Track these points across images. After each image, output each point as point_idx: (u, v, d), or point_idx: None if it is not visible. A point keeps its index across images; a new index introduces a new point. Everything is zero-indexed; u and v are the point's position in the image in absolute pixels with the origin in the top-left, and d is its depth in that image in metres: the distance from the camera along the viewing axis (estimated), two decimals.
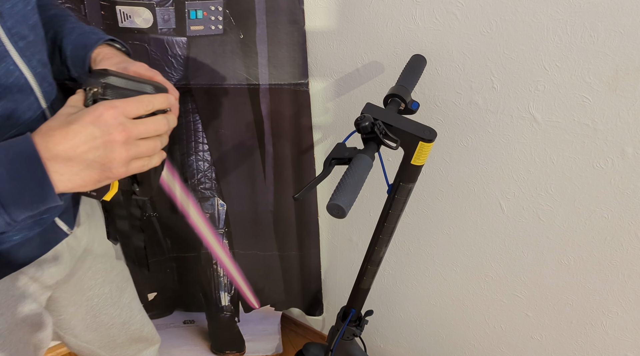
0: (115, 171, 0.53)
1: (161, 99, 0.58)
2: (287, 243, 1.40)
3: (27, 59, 0.60)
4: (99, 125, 0.51)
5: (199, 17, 1.04)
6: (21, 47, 0.59)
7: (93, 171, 0.52)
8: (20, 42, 0.59)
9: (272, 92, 1.12)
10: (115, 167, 0.53)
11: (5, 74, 0.57)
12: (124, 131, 0.52)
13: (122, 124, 0.52)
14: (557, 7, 0.78)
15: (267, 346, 1.63)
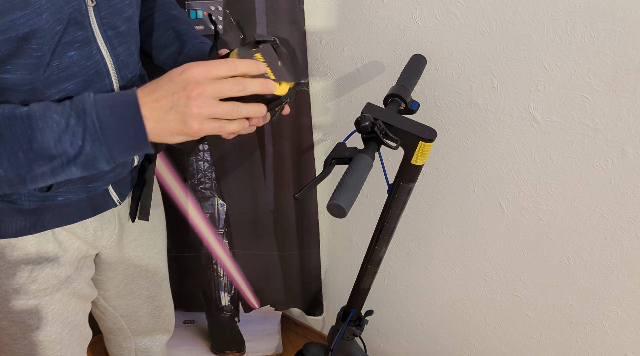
0: (190, 126, 0.57)
1: (247, 64, 0.60)
2: (287, 243, 1.40)
3: (112, 46, 0.67)
4: (179, 82, 0.56)
5: (199, 17, 1.04)
6: (109, 36, 0.66)
7: (172, 123, 0.57)
8: (110, 31, 0.66)
9: None
10: (189, 121, 0.57)
11: (87, 56, 0.63)
12: (197, 88, 0.56)
13: (198, 83, 0.56)
14: (557, 7, 0.78)
15: (267, 346, 1.63)
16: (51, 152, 0.54)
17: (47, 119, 0.54)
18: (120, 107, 0.56)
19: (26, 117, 0.54)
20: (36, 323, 0.80)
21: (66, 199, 0.73)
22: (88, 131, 0.55)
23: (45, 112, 0.54)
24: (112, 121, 0.55)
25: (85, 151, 0.55)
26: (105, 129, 0.55)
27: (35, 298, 0.79)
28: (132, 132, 0.56)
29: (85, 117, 0.55)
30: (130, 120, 0.56)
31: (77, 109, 0.55)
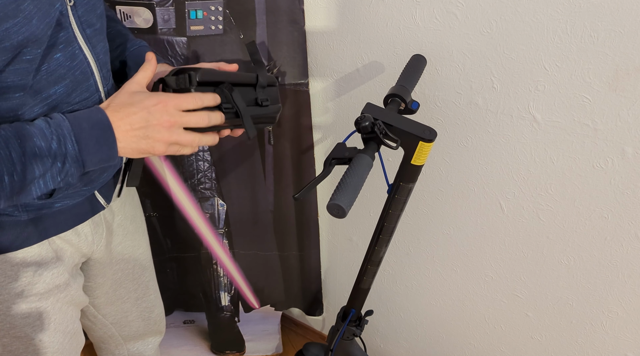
0: (157, 149, 0.66)
1: (210, 97, 0.69)
2: (287, 243, 1.40)
3: (92, 45, 0.68)
4: (153, 112, 0.64)
5: (199, 17, 1.04)
6: (88, 34, 0.67)
7: (141, 145, 0.65)
8: (88, 29, 0.67)
9: None
10: (157, 146, 0.66)
11: (71, 57, 0.64)
12: (170, 120, 0.65)
13: (170, 115, 0.65)
14: (557, 7, 0.78)
15: (267, 346, 1.63)
16: (34, 174, 0.58)
17: (29, 142, 0.57)
18: (96, 130, 0.62)
19: (7, 141, 0.56)
20: (39, 335, 0.80)
21: (62, 205, 0.74)
22: (69, 154, 0.60)
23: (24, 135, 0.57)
24: (89, 143, 0.61)
25: (65, 169, 0.61)
26: (83, 150, 0.61)
27: (36, 310, 0.78)
28: (105, 151, 0.63)
29: (66, 141, 0.60)
30: (104, 141, 0.62)
31: (57, 134, 0.59)
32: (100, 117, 0.63)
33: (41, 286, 0.77)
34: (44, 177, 0.59)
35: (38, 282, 0.77)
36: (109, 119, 0.63)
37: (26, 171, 0.57)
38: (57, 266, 0.79)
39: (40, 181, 0.59)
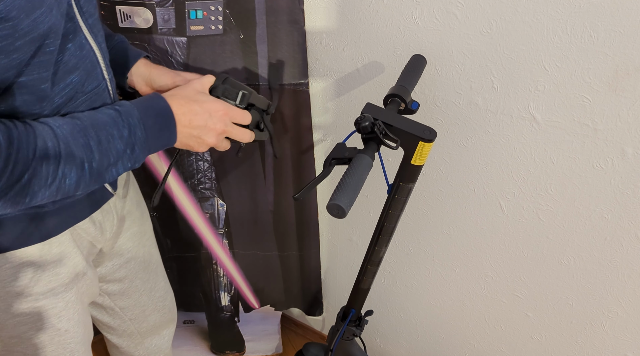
0: (199, 147, 0.75)
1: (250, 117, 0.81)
2: (287, 243, 1.40)
3: (94, 34, 0.70)
4: (214, 117, 0.73)
5: (199, 17, 1.04)
6: (90, 24, 0.69)
7: (190, 141, 0.73)
8: (90, 19, 0.69)
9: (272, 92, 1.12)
10: (202, 146, 0.75)
11: (80, 47, 0.66)
12: (223, 129, 0.75)
13: (225, 124, 0.75)
14: (557, 7, 0.78)
15: (267, 346, 1.63)
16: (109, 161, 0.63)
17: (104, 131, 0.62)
18: (160, 118, 0.68)
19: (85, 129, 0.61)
20: (65, 325, 0.80)
21: (81, 194, 0.74)
22: (138, 141, 0.65)
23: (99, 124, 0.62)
24: (154, 129, 0.67)
25: (135, 156, 0.66)
26: (150, 137, 0.67)
27: (62, 300, 0.79)
28: (166, 138, 0.69)
29: (136, 129, 0.65)
30: (166, 129, 0.69)
31: (129, 123, 0.65)
32: (164, 105, 0.69)
33: (65, 276, 0.78)
34: (117, 164, 0.64)
35: (62, 272, 0.78)
36: (171, 109, 0.69)
37: (103, 159, 0.62)
38: (77, 255, 0.80)
39: (113, 168, 0.64)
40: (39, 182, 0.56)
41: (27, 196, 0.56)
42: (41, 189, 0.57)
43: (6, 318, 0.74)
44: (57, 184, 0.58)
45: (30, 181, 0.55)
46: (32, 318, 0.76)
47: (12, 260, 0.71)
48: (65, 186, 0.59)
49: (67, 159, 0.58)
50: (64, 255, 0.77)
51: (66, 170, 0.58)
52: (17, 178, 0.54)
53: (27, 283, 0.74)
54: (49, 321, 0.78)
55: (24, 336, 0.77)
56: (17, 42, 0.53)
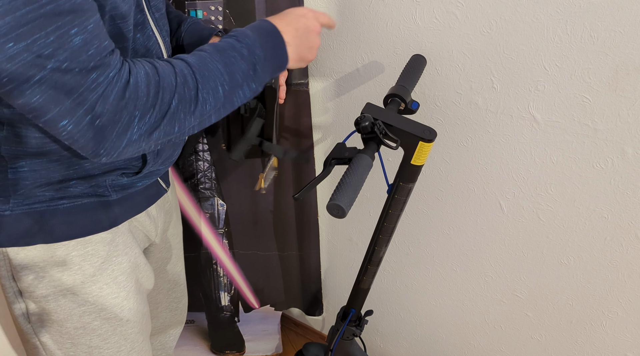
0: (312, 53, 0.75)
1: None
2: (287, 243, 1.40)
3: (159, 28, 0.73)
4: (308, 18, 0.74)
5: (199, 17, 1.04)
6: (156, 18, 0.72)
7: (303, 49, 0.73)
8: (157, 13, 0.72)
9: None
10: (313, 49, 0.75)
11: (147, 38, 0.69)
12: (318, 27, 0.76)
13: (317, 23, 0.76)
14: (557, 7, 0.78)
15: (267, 346, 1.63)
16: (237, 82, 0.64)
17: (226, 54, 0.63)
18: (271, 37, 0.68)
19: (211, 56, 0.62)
20: (127, 315, 0.81)
21: (142, 185, 0.78)
22: (258, 59, 0.66)
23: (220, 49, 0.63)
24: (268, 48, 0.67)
25: (257, 75, 0.66)
26: (268, 56, 0.67)
27: (124, 289, 0.79)
28: (280, 56, 0.69)
29: (255, 48, 0.65)
30: (279, 46, 0.69)
31: (246, 43, 0.65)
32: (271, 26, 0.69)
33: (126, 265, 0.80)
34: (243, 86, 0.65)
35: (124, 262, 0.79)
36: (276, 28, 0.69)
37: (232, 80, 0.63)
38: (135, 247, 0.82)
39: (240, 90, 0.65)
40: (184, 108, 0.59)
41: (176, 124, 0.59)
42: (187, 116, 0.59)
43: (73, 308, 0.75)
44: (199, 110, 0.60)
45: (177, 108, 0.58)
46: (97, 308, 0.77)
47: (77, 247, 0.73)
48: (206, 112, 0.61)
49: (203, 83, 0.60)
50: (126, 245, 0.79)
51: (204, 94, 0.60)
52: (168, 105, 0.57)
53: (93, 272, 0.75)
54: (112, 311, 0.79)
55: (89, 327, 0.77)
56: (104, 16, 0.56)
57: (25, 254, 0.70)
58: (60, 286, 0.73)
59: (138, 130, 0.55)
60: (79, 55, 0.49)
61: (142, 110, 0.55)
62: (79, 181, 0.70)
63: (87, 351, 0.79)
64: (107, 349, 0.81)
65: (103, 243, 0.75)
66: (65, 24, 0.48)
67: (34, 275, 0.72)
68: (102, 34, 0.52)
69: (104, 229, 0.75)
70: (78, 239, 0.73)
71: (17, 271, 0.72)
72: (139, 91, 0.54)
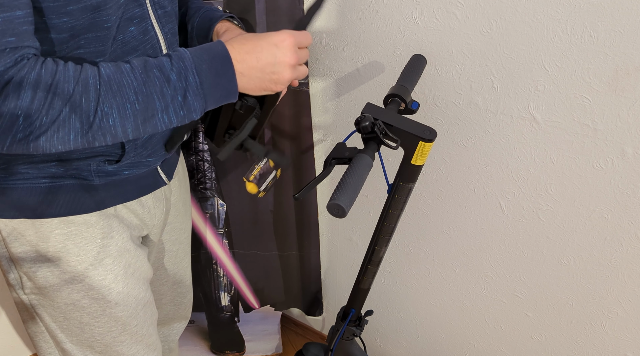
0: (278, 86, 0.67)
1: (310, 37, 0.71)
2: (287, 243, 1.40)
3: (161, 25, 0.74)
4: (281, 48, 0.65)
5: None
6: (159, 15, 0.73)
7: (263, 82, 0.66)
8: (159, 10, 0.73)
9: None
10: (280, 84, 0.67)
11: (143, 32, 0.70)
12: (295, 58, 0.67)
13: (295, 52, 0.66)
14: (557, 7, 0.78)
15: (267, 346, 1.63)
16: (154, 106, 0.59)
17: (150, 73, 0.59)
18: (216, 62, 0.62)
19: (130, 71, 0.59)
20: (115, 297, 0.82)
21: (129, 174, 0.78)
22: (190, 87, 0.60)
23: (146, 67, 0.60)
24: (209, 75, 0.62)
25: (187, 104, 0.61)
26: (204, 83, 0.61)
27: (112, 272, 0.80)
28: (224, 85, 0.63)
29: (187, 74, 0.60)
30: (224, 74, 0.63)
31: (178, 67, 0.60)
32: (221, 49, 0.63)
33: (113, 249, 0.80)
34: (166, 110, 0.60)
35: (111, 245, 0.80)
36: (228, 52, 0.63)
37: (148, 101, 0.59)
38: (124, 232, 0.82)
39: (163, 114, 0.60)
40: (80, 117, 0.56)
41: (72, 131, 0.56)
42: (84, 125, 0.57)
43: (61, 284, 0.77)
44: (97, 122, 0.57)
45: (69, 116, 0.56)
46: (84, 286, 0.78)
47: (60, 226, 0.74)
48: (109, 126, 0.58)
49: (106, 96, 0.57)
50: (112, 229, 0.80)
51: (105, 108, 0.57)
52: (58, 111, 0.55)
53: (78, 252, 0.76)
54: (100, 291, 0.79)
55: (78, 304, 0.79)
56: (69, 6, 0.58)
57: (13, 226, 0.73)
58: (47, 262, 0.75)
59: (22, 130, 0.54)
60: None
61: (25, 111, 0.53)
62: (58, 163, 0.71)
63: (79, 326, 0.81)
64: (98, 327, 0.82)
65: (87, 224, 0.76)
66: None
67: (23, 248, 0.74)
68: (11, 31, 0.52)
69: (87, 212, 0.76)
70: (60, 218, 0.74)
71: (7, 241, 0.74)
72: (21, 92, 0.53)
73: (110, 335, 0.84)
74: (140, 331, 0.88)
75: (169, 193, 0.94)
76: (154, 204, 0.88)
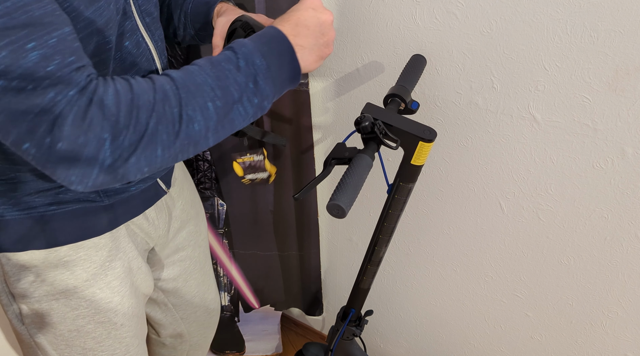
0: (329, 48, 0.67)
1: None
2: (287, 243, 1.40)
3: (151, 33, 0.71)
4: (317, 9, 0.65)
5: None
6: (147, 23, 0.69)
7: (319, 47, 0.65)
8: (147, 18, 0.69)
9: None
10: (330, 44, 0.67)
11: (136, 45, 0.67)
12: (330, 16, 0.66)
13: (325, 10, 0.66)
14: (557, 7, 0.78)
15: (267, 346, 1.63)
16: (233, 98, 0.57)
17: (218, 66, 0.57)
18: (276, 43, 0.61)
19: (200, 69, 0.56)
20: (121, 319, 0.81)
21: (136, 189, 0.77)
22: (259, 71, 0.58)
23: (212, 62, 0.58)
24: (273, 56, 0.60)
25: (260, 89, 0.59)
26: (272, 65, 0.59)
27: (118, 293, 0.79)
28: (290, 64, 0.61)
29: (253, 58, 0.58)
30: (287, 53, 0.61)
31: (243, 54, 0.58)
32: (274, 32, 0.62)
33: (120, 270, 0.79)
34: (242, 101, 0.58)
35: (117, 267, 0.79)
36: (281, 31, 0.62)
37: (226, 96, 0.56)
38: (131, 250, 0.81)
39: (240, 106, 0.58)
40: (166, 128, 0.53)
41: (159, 146, 0.53)
42: (170, 137, 0.53)
43: (66, 311, 0.75)
44: (185, 130, 0.54)
45: (156, 128, 0.52)
46: (90, 311, 0.77)
47: (69, 253, 0.72)
48: (194, 133, 0.55)
49: (188, 99, 0.54)
50: (120, 250, 0.79)
51: (190, 111, 0.54)
52: (145, 125, 0.51)
53: (87, 277, 0.75)
54: (106, 315, 0.78)
55: (83, 330, 0.78)
56: (79, 34, 0.54)
57: (17, 259, 0.70)
58: (53, 291, 0.73)
59: (111, 154, 0.50)
60: (35, 72, 0.45)
61: (113, 132, 0.49)
62: (66, 188, 0.67)
63: (81, 353, 0.79)
64: (102, 352, 0.81)
65: (96, 248, 0.75)
66: (20, 38, 0.44)
67: (26, 279, 0.71)
68: (68, 49, 0.48)
69: (96, 235, 0.74)
70: (70, 244, 0.72)
71: (9, 276, 0.72)
72: (106, 110, 0.49)
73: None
74: (140, 350, 0.88)
75: (171, 202, 0.93)
76: (157, 215, 0.87)
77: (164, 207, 0.90)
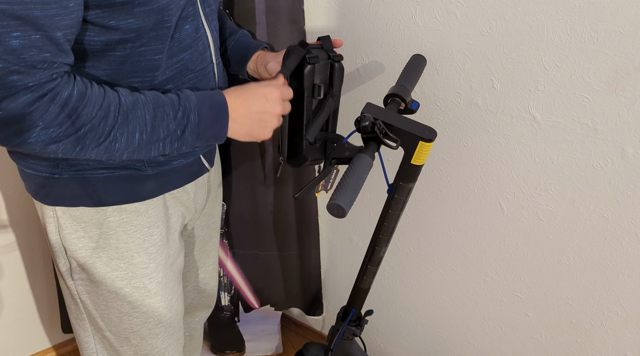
0: (264, 133, 0.77)
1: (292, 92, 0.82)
2: (287, 243, 1.40)
3: (208, 22, 0.79)
4: (269, 100, 0.75)
5: None
6: (207, 12, 0.78)
7: (252, 128, 0.76)
8: (207, 8, 0.78)
9: None
10: (266, 130, 0.77)
11: (196, 29, 0.75)
12: (280, 108, 0.76)
13: (280, 103, 0.76)
14: (557, 7, 0.78)
15: (267, 346, 1.63)
16: (158, 136, 0.68)
17: (161, 108, 0.67)
18: (214, 109, 0.72)
19: (145, 104, 0.66)
20: (155, 287, 0.85)
21: (178, 164, 0.83)
22: (190, 124, 0.69)
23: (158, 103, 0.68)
24: (207, 119, 0.71)
25: (183, 138, 0.70)
26: (202, 124, 0.71)
27: (153, 261, 0.84)
28: (217, 129, 0.73)
29: (190, 113, 0.69)
30: (219, 121, 0.72)
31: (184, 106, 0.69)
32: (220, 99, 0.73)
33: (157, 238, 0.84)
34: (165, 141, 0.68)
35: (155, 234, 0.84)
36: (227, 103, 0.73)
37: (153, 133, 0.67)
38: (169, 221, 0.86)
39: (161, 144, 0.68)
40: (93, 137, 0.63)
41: (79, 146, 0.63)
42: (92, 144, 0.63)
43: (107, 271, 0.81)
44: (107, 145, 0.64)
45: (85, 135, 0.62)
46: (128, 274, 0.82)
47: (114, 214, 0.79)
48: (113, 149, 0.65)
49: (122, 123, 0.64)
50: (159, 219, 0.84)
51: (118, 133, 0.64)
52: (76, 129, 0.61)
53: (127, 239, 0.81)
54: (142, 280, 0.84)
55: (120, 292, 0.83)
56: (136, 8, 0.62)
57: (70, 213, 0.78)
58: (98, 249, 0.80)
59: (36, 136, 0.59)
60: (9, 55, 0.54)
61: (46, 124, 0.59)
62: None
63: (118, 316, 0.85)
64: (136, 318, 0.86)
65: (137, 212, 0.80)
66: (10, 26, 0.52)
67: (77, 235, 0.79)
68: (48, 48, 0.56)
69: (138, 200, 0.80)
70: (115, 206, 0.79)
71: (62, 228, 0.79)
72: (51, 106, 0.58)
73: (147, 327, 0.87)
74: (173, 323, 0.91)
75: (209, 180, 0.97)
76: (197, 190, 0.91)
77: (205, 184, 0.94)
